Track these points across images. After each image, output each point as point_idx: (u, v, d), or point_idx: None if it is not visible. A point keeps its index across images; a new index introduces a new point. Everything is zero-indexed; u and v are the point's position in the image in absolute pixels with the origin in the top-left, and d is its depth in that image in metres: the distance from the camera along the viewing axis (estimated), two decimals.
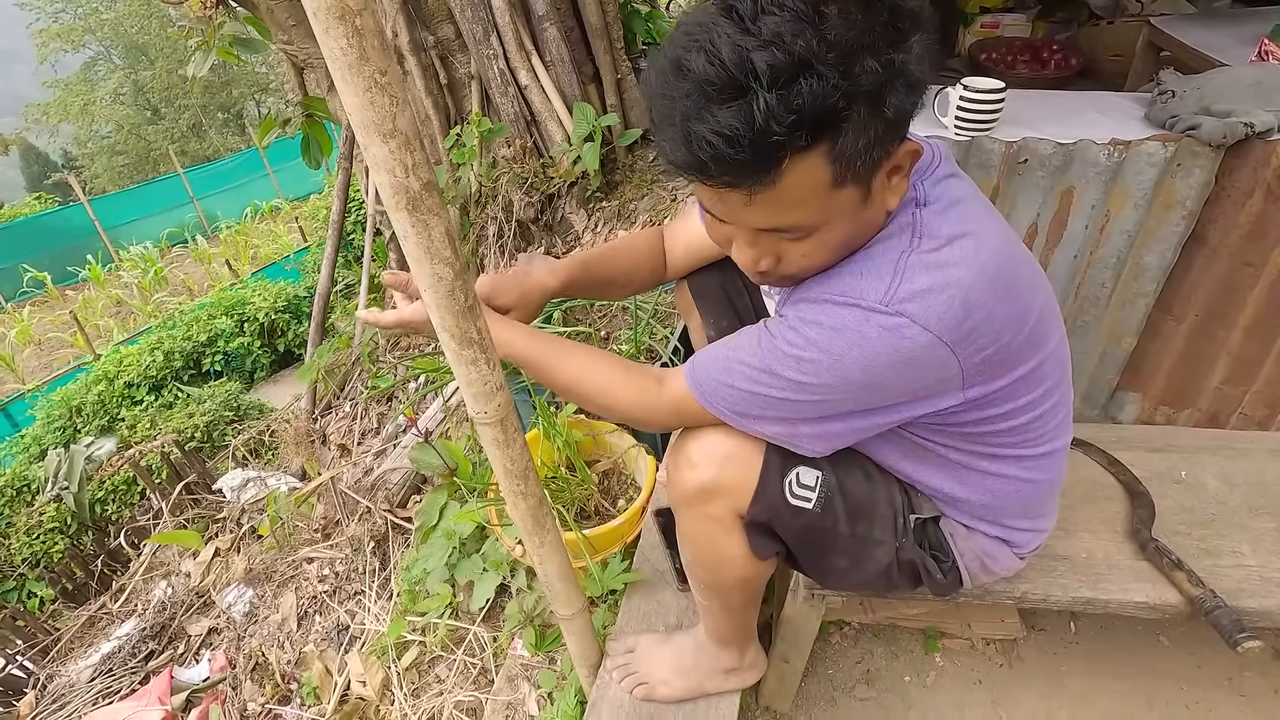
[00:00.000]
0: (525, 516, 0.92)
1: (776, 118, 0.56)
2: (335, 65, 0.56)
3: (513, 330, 0.89)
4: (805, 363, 0.71)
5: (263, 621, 2.33)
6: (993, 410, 0.77)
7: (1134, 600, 1.04)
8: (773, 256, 0.72)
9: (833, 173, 0.62)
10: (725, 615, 1.02)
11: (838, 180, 0.63)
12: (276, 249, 9.24)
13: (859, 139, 0.60)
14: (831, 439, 0.79)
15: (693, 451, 0.84)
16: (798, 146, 0.58)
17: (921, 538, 0.91)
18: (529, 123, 3.22)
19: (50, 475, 4.02)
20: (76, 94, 20.23)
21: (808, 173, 0.61)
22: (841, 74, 0.56)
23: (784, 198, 0.63)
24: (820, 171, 0.61)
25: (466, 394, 0.78)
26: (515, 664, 1.52)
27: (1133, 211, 1.16)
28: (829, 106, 0.57)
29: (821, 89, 0.56)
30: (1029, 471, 0.85)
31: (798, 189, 0.62)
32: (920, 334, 0.66)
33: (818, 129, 0.58)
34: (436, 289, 0.68)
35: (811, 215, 0.66)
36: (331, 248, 3.53)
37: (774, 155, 0.59)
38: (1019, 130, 1.17)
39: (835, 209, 0.66)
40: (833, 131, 0.59)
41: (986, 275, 0.68)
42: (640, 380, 0.85)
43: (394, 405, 3.12)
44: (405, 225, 0.64)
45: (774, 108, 0.56)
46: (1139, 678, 1.38)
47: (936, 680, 1.42)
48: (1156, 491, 1.19)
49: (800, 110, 0.56)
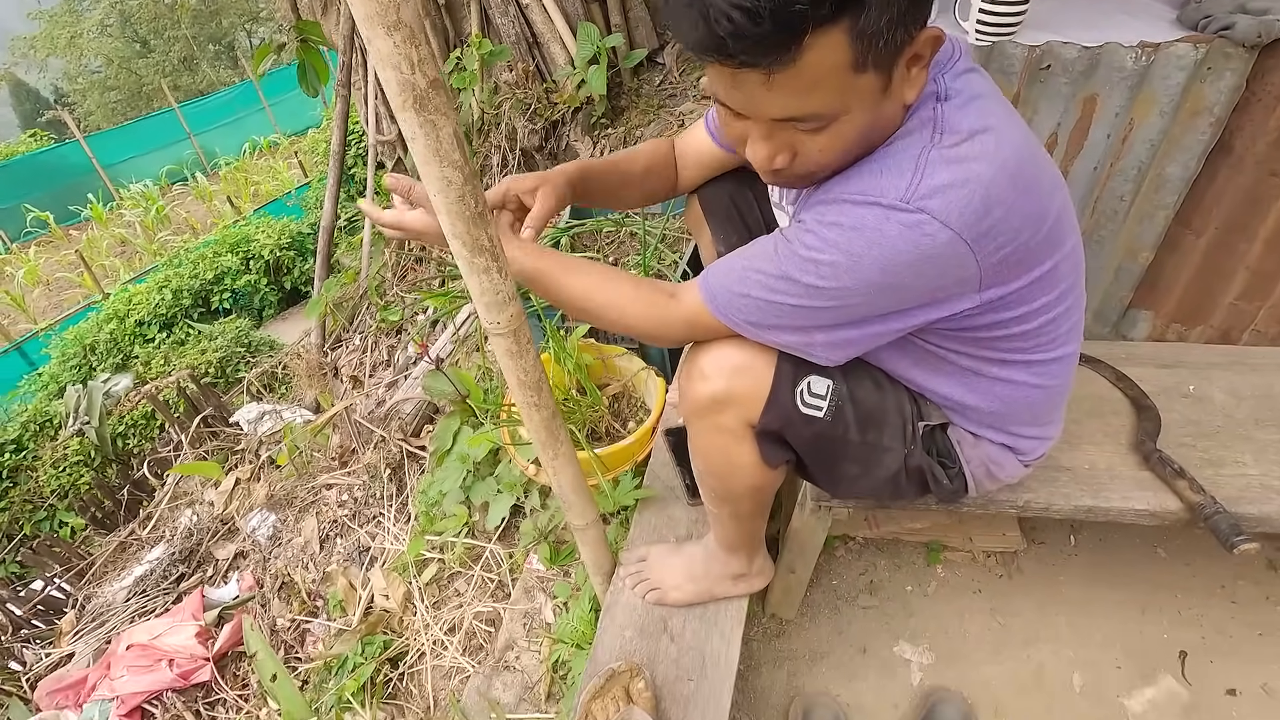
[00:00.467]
0: (539, 428, 0.94)
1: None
2: None
3: (520, 247, 0.88)
4: (823, 266, 0.70)
5: (286, 544, 2.42)
6: (1007, 314, 0.77)
7: (1135, 508, 1.06)
8: (789, 152, 0.70)
9: (854, 53, 0.60)
10: (735, 523, 1.06)
11: (859, 62, 0.60)
12: (277, 185, 9.10)
13: (882, 15, 0.58)
14: (846, 346, 0.79)
15: (705, 364, 0.85)
16: (820, 18, 0.56)
17: (930, 445, 0.93)
18: (531, 45, 3.11)
19: (71, 410, 4.11)
20: (63, 25, 19.54)
21: (829, 50, 0.59)
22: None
23: (803, 79, 0.61)
24: (841, 50, 0.59)
25: (479, 304, 0.78)
26: (531, 577, 1.58)
27: (1158, 119, 1.12)
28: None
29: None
30: (1039, 377, 0.86)
31: (818, 69, 0.60)
32: (940, 230, 0.66)
33: (831, 5, 0.56)
34: (446, 194, 0.68)
35: (830, 102, 0.63)
36: (333, 180, 3.47)
37: (795, 28, 0.56)
38: (1042, 34, 1.12)
39: (855, 96, 0.64)
40: (855, 6, 0.57)
41: (1007, 171, 0.67)
42: (651, 294, 0.85)
43: (403, 337, 3.14)
44: (413, 125, 0.63)
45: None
46: (1135, 587, 1.43)
47: (937, 590, 1.48)
48: (1163, 405, 1.20)
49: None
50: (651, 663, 1.10)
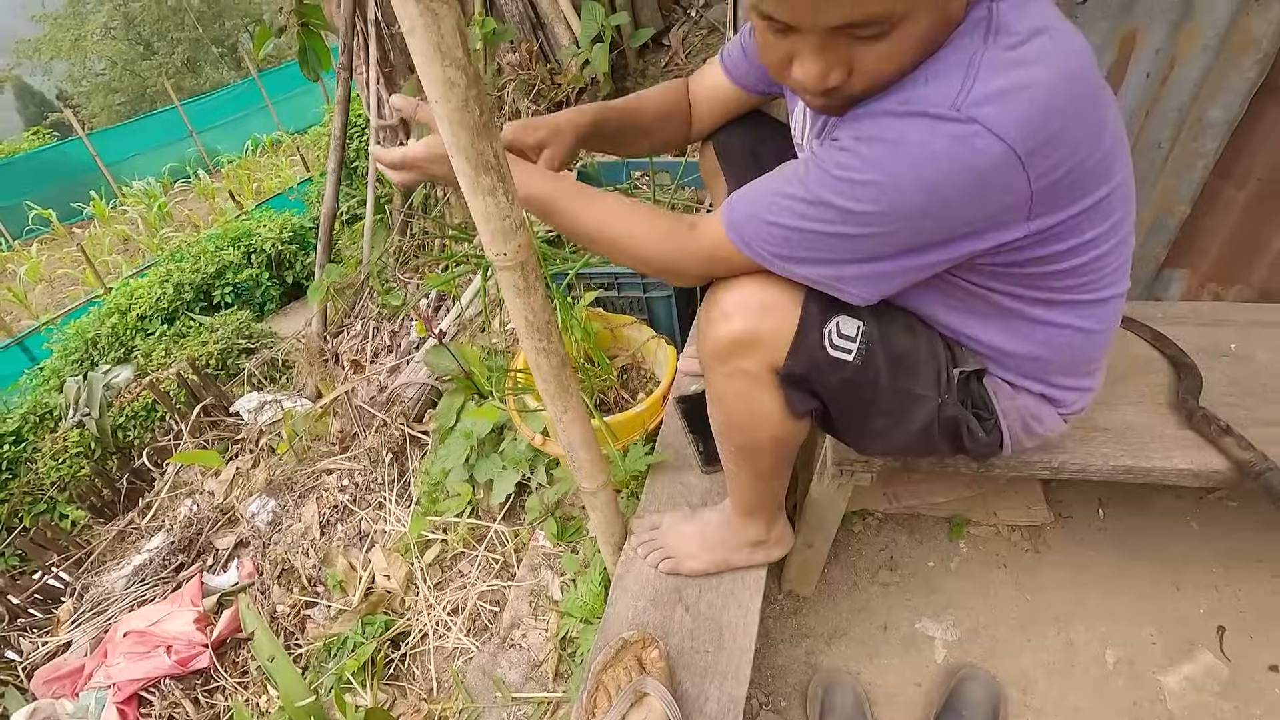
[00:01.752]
0: (548, 377, 0.88)
1: None
2: None
3: (529, 170, 0.83)
4: (860, 187, 0.64)
5: (286, 530, 2.37)
6: (1056, 246, 0.71)
7: (1178, 467, 1.00)
8: (843, 68, 0.63)
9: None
10: (754, 483, 0.99)
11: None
12: (280, 182, 9.06)
13: None
14: (880, 281, 0.73)
15: (726, 302, 0.79)
16: None
17: (965, 394, 0.86)
18: (534, 24, 3.06)
19: (71, 402, 4.07)
20: (66, 28, 19.60)
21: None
22: None
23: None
24: None
25: (484, 230, 0.73)
26: (537, 554, 1.52)
27: (1201, 55, 1.06)
28: None
29: None
30: (1085, 320, 0.80)
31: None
32: (994, 144, 0.59)
33: None
34: (449, 98, 0.62)
35: (896, 1, 0.57)
36: (334, 166, 3.43)
37: None
38: None
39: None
40: None
41: (1069, 78, 0.61)
42: (670, 224, 0.79)
43: (405, 323, 3.09)
44: (411, 15, 0.58)
45: None
46: (1168, 561, 1.37)
47: (961, 565, 1.42)
48: (1204, 365, 1.14)
49: None
50: (665, 634, 1.04)
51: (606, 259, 0.87)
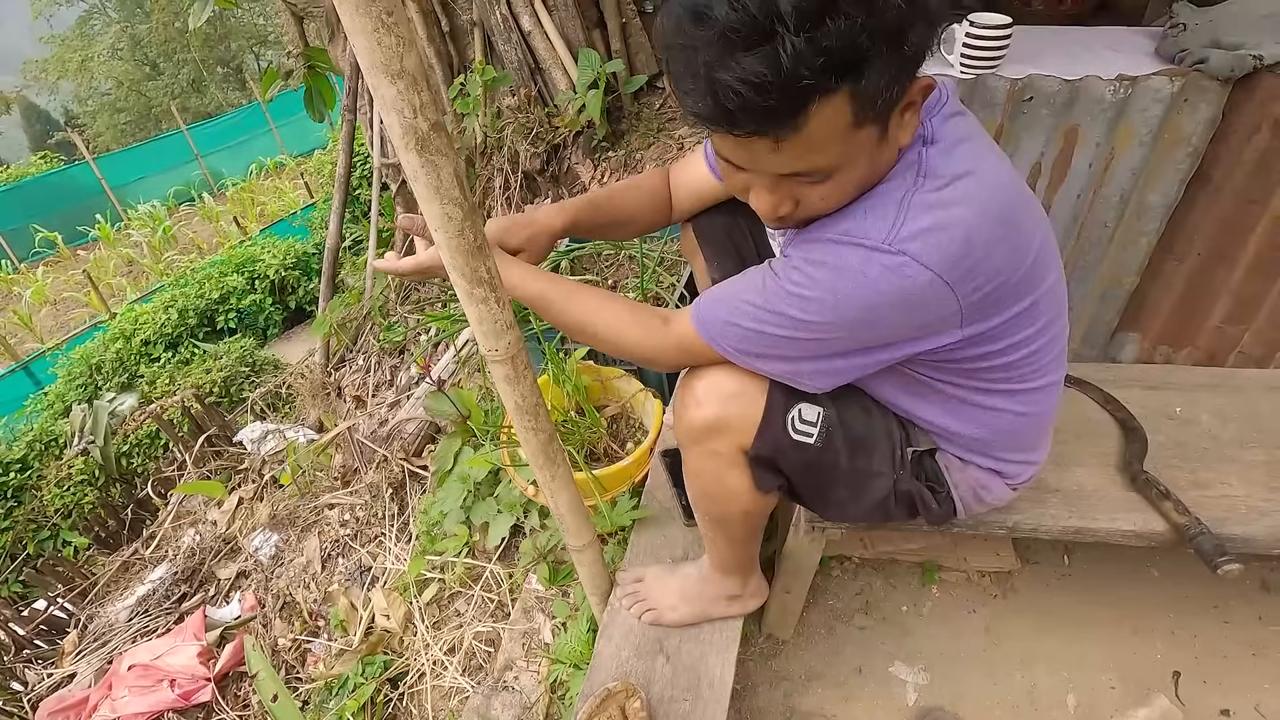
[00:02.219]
0: (537, 451, 0.96)
1: (805, 61, 0.56)
2: (343, 6, 0.57)
3: (521, 271, 0.91)
4: (809, 302, 0.73)
5: (288, 564, 2.44)
6: (990, 346, 0.79)
7: (1122, 529, 1.08)
8: (791, 201, 0.73)
9: (854, 113, 0.61)
10: (729, 546, 1.08)
11: (858, 120, 0.62)
12: (283, 205, 9.21)
13: (880, 77, 0.59)
14: (833, 376, 0.82)
15: (699, 390, 0.87)
16: (826, 89, 0.58)
17: (918, 470, 0.95)
18: (533, 70, 3.18)
19: (76, 430, 4.14)
20: (74, 49, 19.91)
21: (833, 115, 0.61)
22: (866, 11, 0.55)
23: (810, 142, 0.63)
24: (844, 113, 0.61)
25: (478, 331, 0.81)
26: (530, 597, 1.59)
27: (1138, 149, 1.16)
28: (856, 45, 0.56)
29: (848, 28, 0.55)
30: (1023, 405, 0.88)
31: (823, 132, 0.62)
32: (921, 272, 0.69)
33: (844, 69, 0.57)
34: (446, 228, 0.71)
35: (834, 157, 0.66)
36: (339, 202, 3.53)
37: (802, 100, 0.58)
38: (1025, 67, 1.16)
39: (855, 149, 0.66)
40: (856, 71, 0.58)
41: (989, 214, 0.70)
42: (647, 319, 0.88)
43: (406, 357, 3.18)
44: (415, 166, 0.66)
45: (802, 50, 0.55)
46: (1129, 608, 1.44)
47: (933, 610, 1.49)
48: (1151, 427, 1.22)
49: (828, 51, 0.56)
50: (648, 683, 1.11)
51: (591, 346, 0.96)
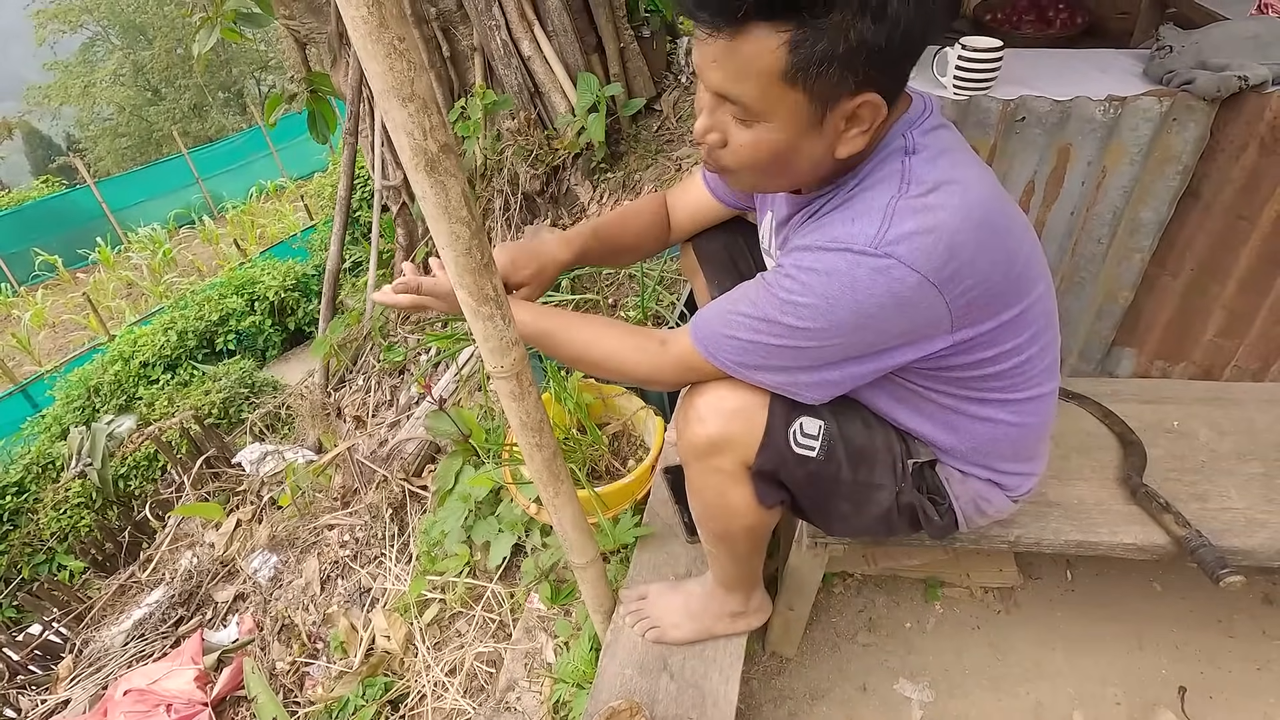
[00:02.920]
0: (541, 468, 0.97)
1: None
2: (356, 32, 0.59)
3: (520, 308, 0.93)
4: (802, 308, 0.75)
5: (287, 586, 2.42)
6: (981, 354, 0.81)
7: (1123, 542, 1.08)
8: (720, 133, 0.76)
9: (787, 64, 0.66)
10: (732, 562, 1.08)
11: (789, 75, 0.67)
12: (283, 228, 9.27)
13: (818, 43, 0.65)
14: (830, 386, 0.83)
15: (700, 407, 0.88)
16: (758, 10, 0.64)
17: (919, 481, 0.95)
18: (533, 94, 3.23)
19: (74, 452, 4.12)
20: (77, 76, 20.15)
21: (764, 45, 0.66)
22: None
23: (739, 59, 0.68)
24: (776, 54, 0.66)
25: (484, 348, 0.82)
26: (532, 616, 1.59)
27: (1128, 167, 1.18)
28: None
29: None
30: (1017, 416, 0.89)
31: (751, 57, 0.67)
32: (908, 274, 0.70)
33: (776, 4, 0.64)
34: (454, 246, 0.72)
35: (757, 96, 0.70)
36: (339, 225, 3.56)
37: (735, 5, 0.64)
38: (1016, 89, 1.19)
39: (781, 108, 0.70)
40: (796, 17, 0.64)
41: (972, 220, 0.72)
42: (645, 342, 0.90)
43: (406, 377, 3.18)
44: (424, 186, 0.68)
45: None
46: (1132, 622, 1.44)
47: (936, 627, 1.48)
48: (1149, 441, 1.23)
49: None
50: (651, 701, 1.11)
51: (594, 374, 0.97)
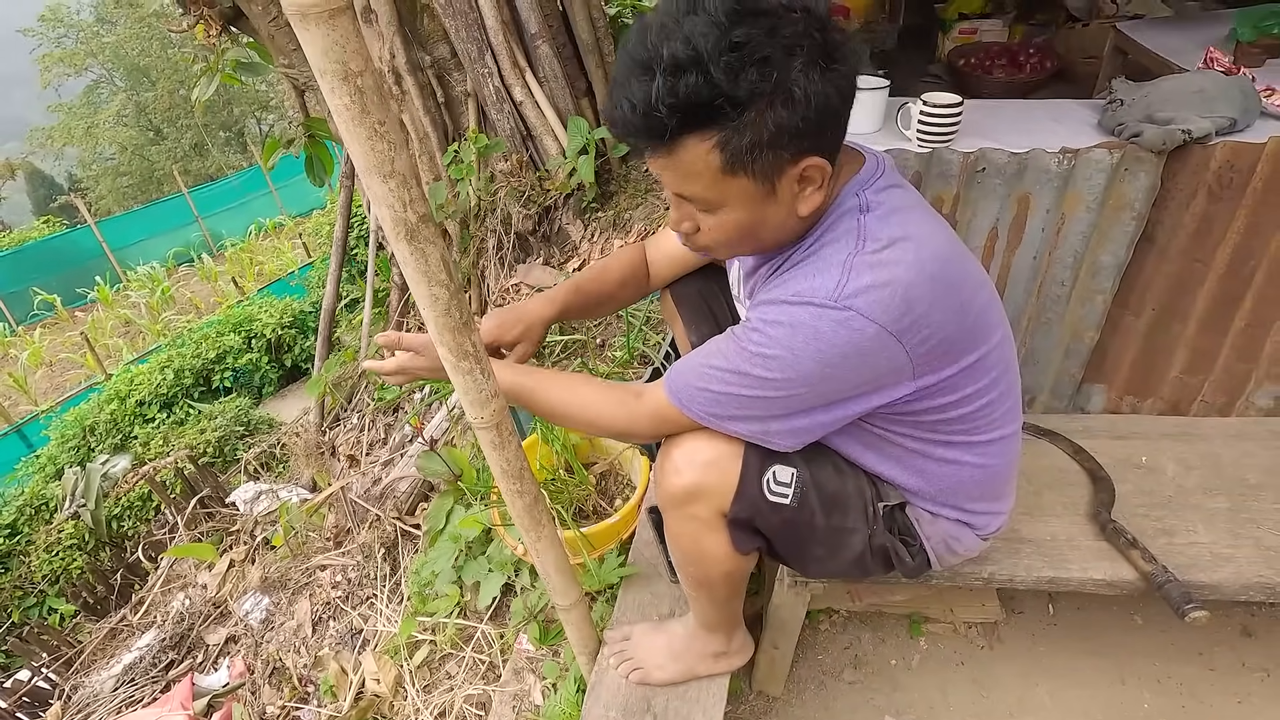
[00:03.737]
0: (522, 513, 1.00)
1: (663, 100, 0.68)
2: (340, 118, 0.64)
3: (501, 367, 0.97)
4: (769, 360, 0.79)
5: (279, 628, 2.41)
6: (943, 399, 0.85)
7: (1093, 578, 1.11)
8: (691, 222, 0.83)
9: (723, 159, 0.72)
10: (712, 606, 1.10)
11: (728, 167, 0.73)
12: (281, 265, 9.37)
13: (744, 137, 0.70)
14: (800, 434, 0.87)
15: (676, 458, 0.91)
16: (682, 126, 0.70)
17: (891, 524, 0.99)
18: (525, 137, 3.32)
19: (68, 493, 4.12)
20: (80, 117, 20.50)
21: (698, 152, 0.73)
22: (728, 79, 0.67)
23: (680, 168, 0.75)
24: (710, 155, 0.72)
25: (464, 401, 0.86)
26: (521, 658, 1.59)
27: (1085, 214, 1.24)
28: (704, 101, 0.68)
29: (698, 86, 0.67)
30: (981, 457, 0.93)
31: (690, 164, 0.74)
32: (867, 325, 0.75)
33: (696, 118, 0.70)
34: (434, 307, 0.76)
35: (708, 191, 0.76)
36: (335, 265, 3.62)
37: (660, 129, 0.71)
38: (977, 140, 1.25)
39: (732, 194, 0.76)
40: (716, 123, 0.70)
41: (926, 273, 0.76)
42: (621, 396, 0.93)
43: (400, 415, 3.21)
44: (405, 253, 0.72)
45: (662, 91, 0.68)
46: (1114, 655, 1.45)
47: (921, 663, 1.49)
48: (1118, 476, 1.26)
49: (678, 98, 0.68)
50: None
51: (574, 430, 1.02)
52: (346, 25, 0.60)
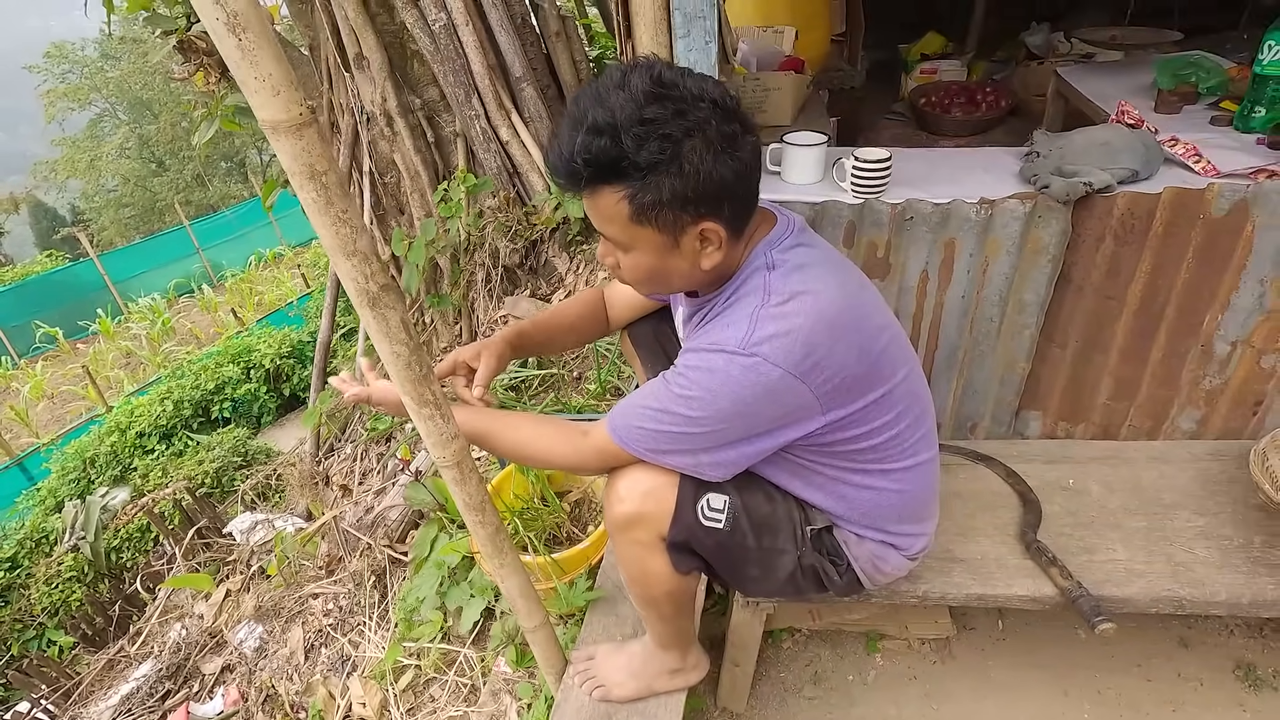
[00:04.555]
0: (485, 541, 1.09)
1: (579, 153, 0.81)
2: (309, 208, 0.75)
3: (460, 411, 1.07)
4: (692, 400, 0.90)
5: (272, 655, 2.48)
6: (853, 430, 0.95)
7: (1017, 594, 1.20)
8: (612, 257, 0.95)
9: (630, 210, 0.84)
10: (662, 624, 1.19)
11: (635, 218, 0.85)
12: (280, 295, 9.51)
13: (645, 195, 0.83)
14: (728, 465, 0.97)
15: (620, 488, 1.01)
16: (593, 178, 0.83)
17: (819, 545, 1.08)
18: (511, 175, 3.45)
19: (68, 526, 4.20)
20: (84, 150, 20.83)
21: (610, 199, 0.85)
22: (634, 146, 0.79)
23: (598, 210, 0.87)
24: (619, 204, 0.84)
25: (427, 443, 0.96)
26: (499, 679, 1.67)
27: (1006, 257, 1.35)
28: (611, 160, 0.81)
29: (609, 148, 0.80)
30: (898, 483, 1.03)
31: (605, 208, 0.86)
32: (772, 369, 0.85)
33: (605, 173, 0.82)
34: (395, 363, 0.87)
35: (621, 234, 0.88)
36: (330, 299, 3.74)
37: (578, 177, 0.84)
38: (906, 191, 1.36)
39: (640, 240, 0.88)
40: (622, 180, 0.82)
41: (824, 321, 0.87)
42: (570, 435, 1.04)
43: (392, 445, 3.30)
44: (368, 318, 0.83)
45: (579, 147, 0.81)
46: (1058, 668, 1.54)
47: (876, 679, 1.58)
48: (1046, 498, 1.36)
49: (591, 154, 0.81)
50: None
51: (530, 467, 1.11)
52: (311, 135, 0.71)
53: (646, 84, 0.80)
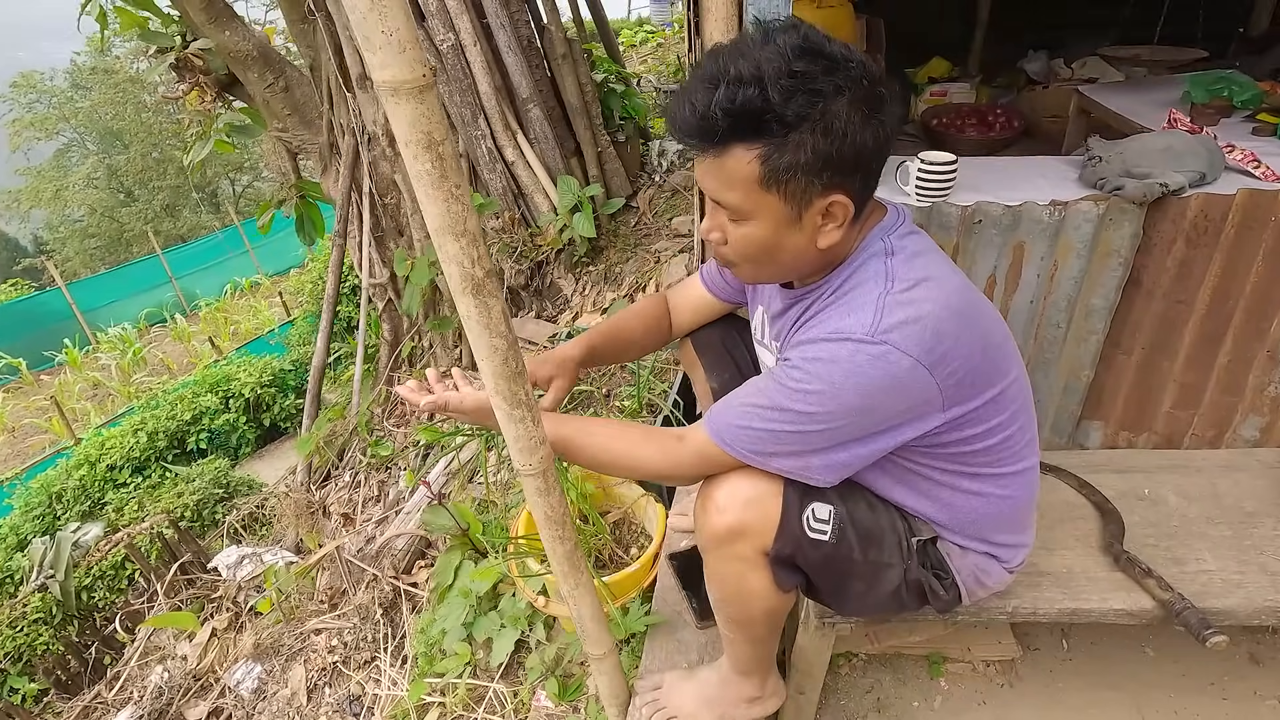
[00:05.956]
0: (562, 560, 1.01)
1: (720, 105, 0.76)
2: (420, 182, 0.68)
3: (548, 419, 0.99)
4: (810, 394, 0.83)
5: (272, 697, 2.32)
6: (970, 430, 0.90)
7: (1113, 608, 1.14)
8: (720, 232, 0.89)
9: (762, 173, 0.79)
10: (749, 646, 1.11)
11: (765, 181, 0.80)
12: (258, 324, 9.28)
13: (783, 156, 0.78)
14: (839, 468, 0.90)
15: (718, 498, 0.94)
16: (729, 133, 0.78)
17: (924, 558, 1.02)
18: (516, 196, 3.41)
19: (35, 564, 3.94)
20: (49, 180, 20.32)
21: (741, 160, 0.79)
22: (781, 99, 0.75)
23: (724, 172, 0.81)
24: (751, 165, 0.79)
25: (513, 449, 0.88)
26: (540, 715, 1.56)
27: (1076, 260, 1.33)
28: (755, 113, 0.76)
29: (756, 98, 0.75)
30: (1004, 489, 0.97)
31: (732, 170, 0.81)
32: (903, 358, 0.80)
33: (745, 127, 0.77)
34: (493, 358, 0.80)
35: (743, 201, 0.83)
36: (325, 323, 3.62)
37: (713, 131, 0.78)
38: (972, 195, 1.34)
39: (763, 209, 0.83)
40: (762, 137, 0.77)
41: (951, 308, 0.82)
42: (662, 439, 0.97)
43: (394, 472, 3.17)
44: (469, 306, 0.76)
45: (720, 100, 0.76)
46: (1129, 688, 1.47)
47: (943, 704, 1.50)
48: (1123, 508, 1.31)
49: (734, 105, 0.76)
50: None
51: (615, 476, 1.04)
52: (432, 100, 0.65)
53: (795, 40, 0.76)
